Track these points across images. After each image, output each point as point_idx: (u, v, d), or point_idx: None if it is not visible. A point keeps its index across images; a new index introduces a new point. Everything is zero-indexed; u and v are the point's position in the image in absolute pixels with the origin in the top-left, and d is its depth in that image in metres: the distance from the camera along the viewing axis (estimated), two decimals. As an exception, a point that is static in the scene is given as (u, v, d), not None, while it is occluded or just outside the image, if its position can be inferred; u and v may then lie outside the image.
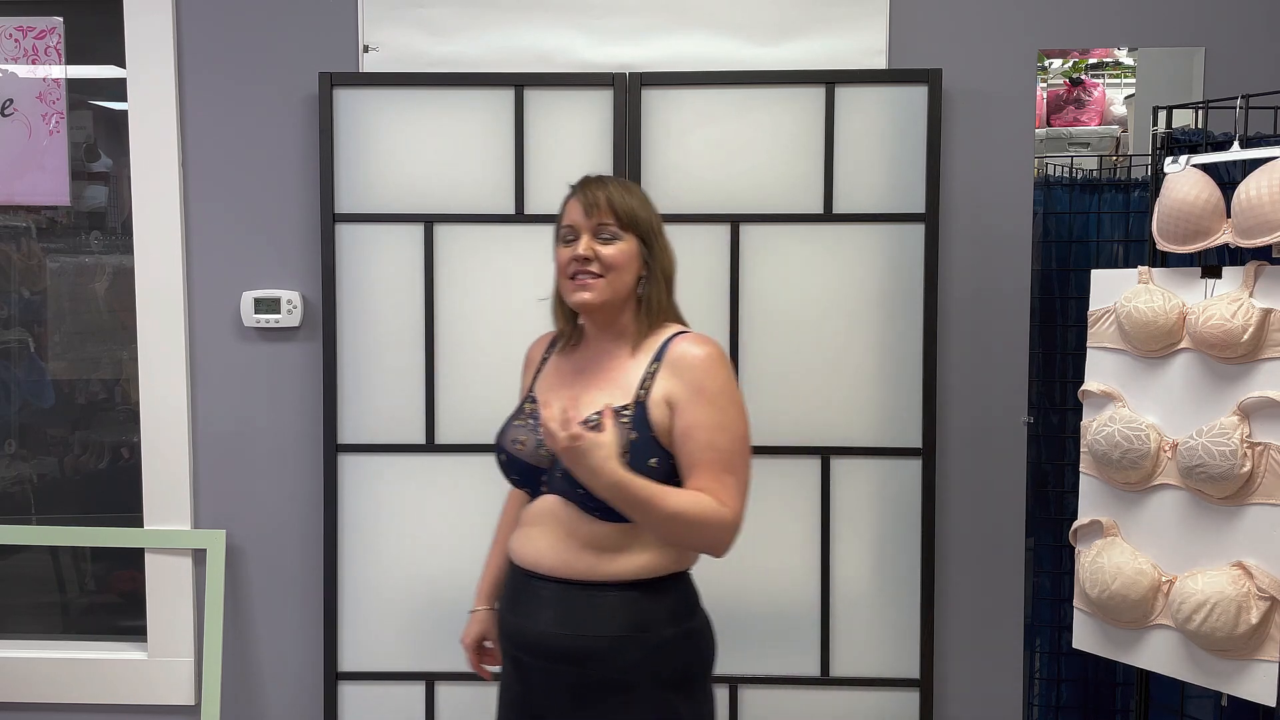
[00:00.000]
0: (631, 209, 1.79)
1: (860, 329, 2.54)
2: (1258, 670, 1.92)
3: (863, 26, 2.54)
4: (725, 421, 1.72)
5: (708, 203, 2.54)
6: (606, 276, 1.77)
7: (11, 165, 2.73)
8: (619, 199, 1.79)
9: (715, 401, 1.72)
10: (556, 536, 1.75)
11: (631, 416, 1.72)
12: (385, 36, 2.59)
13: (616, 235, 1.78)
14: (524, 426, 1.81)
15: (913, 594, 2.55)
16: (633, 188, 1.85)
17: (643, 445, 1.70)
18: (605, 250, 1.77)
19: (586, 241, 1.77)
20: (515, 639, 1.79)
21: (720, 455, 1.71)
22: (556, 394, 1.81)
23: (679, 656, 1.75)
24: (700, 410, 1.71)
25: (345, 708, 2.63)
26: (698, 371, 1.73)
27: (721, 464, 1.71)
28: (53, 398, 2.87)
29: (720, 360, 1.76)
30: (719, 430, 1.71)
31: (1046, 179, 2.68)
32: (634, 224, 1.80)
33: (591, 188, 1.80)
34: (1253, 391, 1.91)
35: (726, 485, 1.71)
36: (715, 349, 1.77)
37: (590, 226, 1.78)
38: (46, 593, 2.93)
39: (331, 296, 2.57)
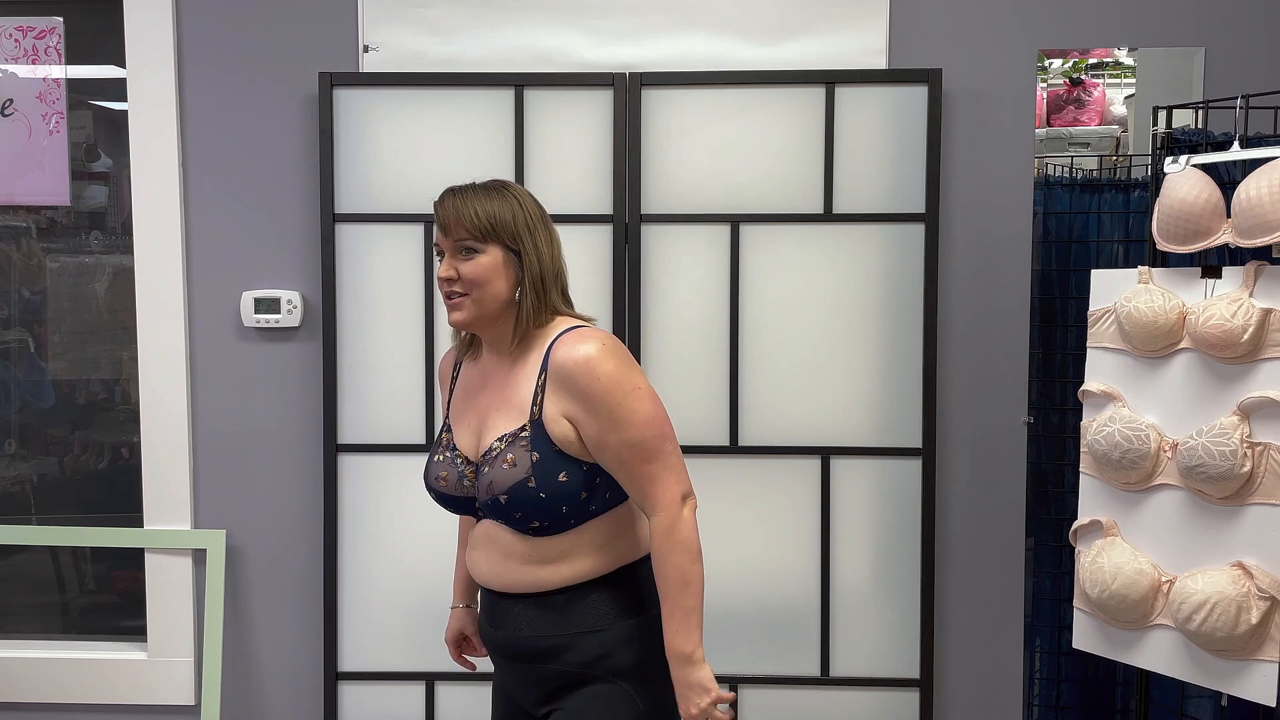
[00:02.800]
0: (491, 218, 1.72)
1: (860, 329, 2.54)
2: (1258, 670, 1.92)
3: (863, 26, 2.54)
4: (624, 416, 1.67)
5: (708, 203, 2.54)
6: (472, 294, 1.72)
7: (11, 165, 2.73)
8: (474, 211, 1.71)
9: (607, 403, 1.67)
10: (497, 557, 1.76)
11: (529, 438, 1.69)
12: (385, 36, 2.59)
13: (475, 249, 1.72)
14: (443, 461, 1.79)
15: (913, 594, 2.55)
16: (498, 191, 1.76)
17: (548, 464, 1.69)
18: (465, 267, 1.72)
19: (447, 261, 1.73)
20: (491, 644, 1.85)
21: (637, 450, 1.68)
22: (466, 417, 1.80)
23: (632, 648, 1.75)
24: (598, 419, 1.67)
25: (345, 708, 2.63)
26: (580, 380, 1.68)
27: (641, 458, 1.68)
28: (53, 398, 2.87)
29: (598, 358, 1.68)
30: (624, 427, 1.67)
31: (1046, 179, 2.68)
32: (494, 233, 1.72)
33: (450, 201, 1.74)
34: (1253, 391, 1.91)
35: (654, 476, 1.69)
36: (592, 348, 1.69)
37: (450, 244, 1.73)
38: (47, 593, 2.93)
39: (331, 296, 2.57)
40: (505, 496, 1.69)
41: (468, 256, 1.72)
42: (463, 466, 1.77)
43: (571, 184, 2.55)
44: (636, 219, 2.54)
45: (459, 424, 1.82)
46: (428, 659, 2.61)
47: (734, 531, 2.56)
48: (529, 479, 1.68)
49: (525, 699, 1.82)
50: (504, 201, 1.75)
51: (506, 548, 1.75)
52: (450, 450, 1.80)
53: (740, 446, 2.56)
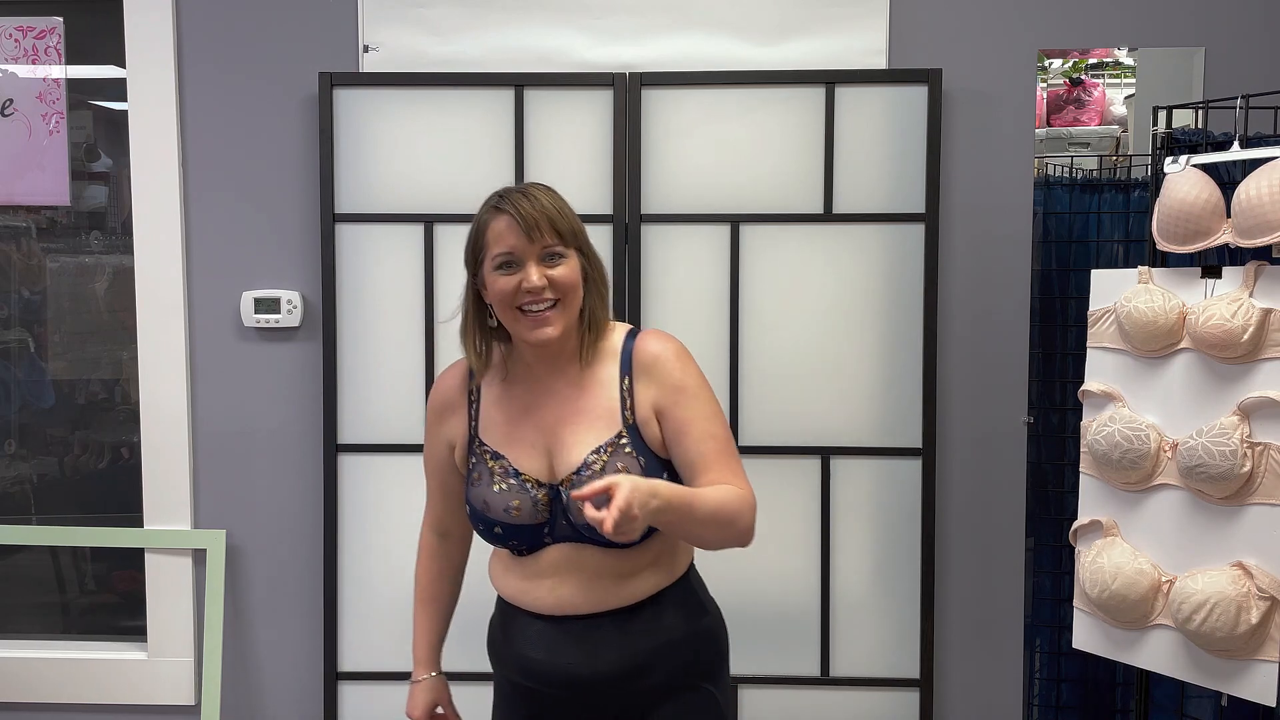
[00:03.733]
0: (570, 221, 1.65)
1: (860, 329, 2.54)
2: (1258, 670, 1.92)
3: (863, 26, 2.54)
4: (711, 410, 1.67)
5: (708, 203, 2.54)
6: (564, 302, 1.62)
7: (11, 165, 2.72)
8: (558, 213, 1.64)
9: (698, 394, 1.66)
10: (581, 580, 1.66)
11: (631, 443, 1.64)
12: (385, 36, 2.59)
13: (562, 254, 1.63)
14: (509, 490, 1.66)
15: (913, 594, 2.55)
16: (558, 194, 1.69)
17: (653, 468, 1.64)
18: (556, 273, 1.62)
19: (537, 270, 1.61)
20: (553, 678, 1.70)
21: (719, 443, 1.65)
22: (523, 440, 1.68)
23: (712, 644, 1.76)
24: (688, 406, 1.64)
25: (345, 707, 2.63)
26: (674, 370, 1.65)
27: (723, 450, 1.65)
28: (53, 398, 2.87)
29: (686, 351, 1.70)
30: (710, 419, 1.66)
31: (1046, 179, 2.68)
32: (575, 237, 1.65)
33: (526, 205, 1.62)
34: (1253, 391, 1.91)
35: (735, 470, 1.66)
36: (677, 341, 1.70)
37: (535, 251, 1.61)
38: (47, 593, 2.93)
39: (331, 296, 2.57)
40: None
41: (556, 262, 1.62)
42: (535, 491, 1.65)
43: (571, 184, 2.54)
44: (636, 219, 2.54)
45: (514, 447, 1.68)
46: (428, 659, 2.61)
47: (734, 531, 2.56)
48: None
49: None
50: (567, 205, 1.69)
51: (596, 568, 1.65)
52: (514, 477, 1.66)
53: (740, 446, 2.54)
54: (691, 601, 1.75)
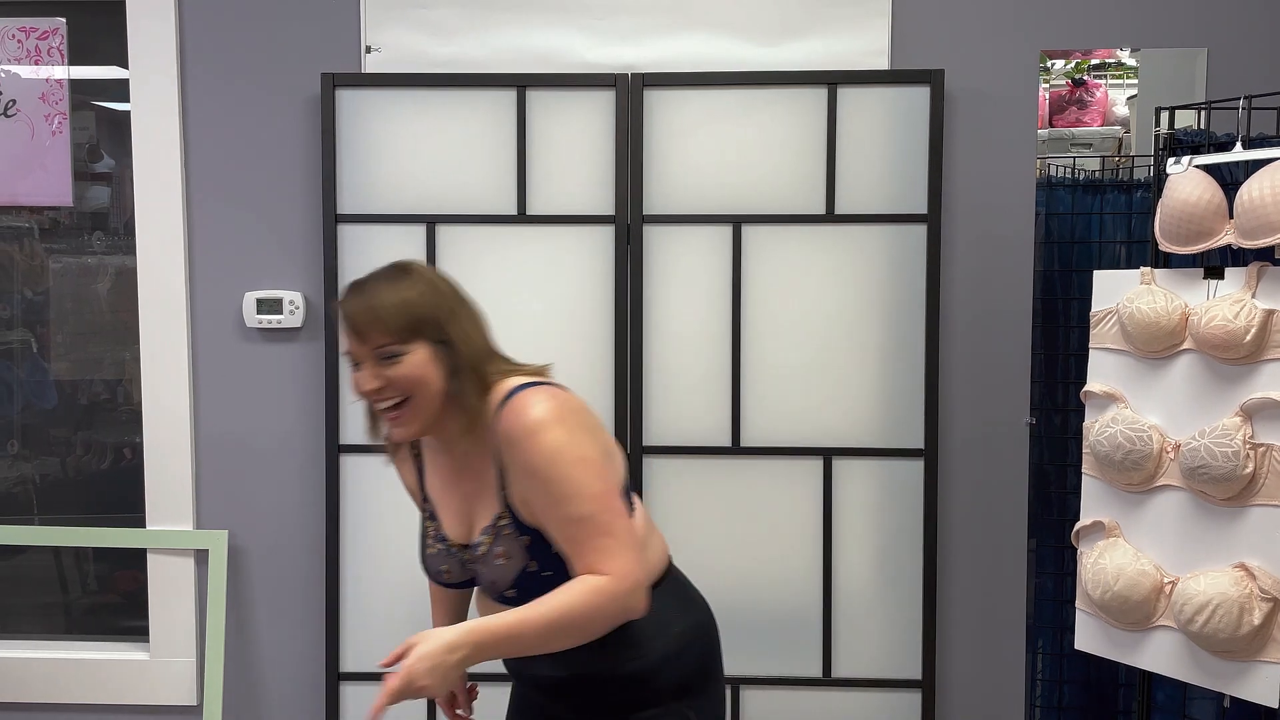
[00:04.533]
0: (407, 313, 1.53)
1: (862, 330, 2.53)
2: (1260, 671, 1.91)
3: (865, 27, 2.54)
4: (568, 489, 1.51)
5: (710, 203, 2.54)
6: (412, 398, 1.55)
7: (14, 166, 2.73)
8: (388, 308, 1.52)
9: (550, 473, 1.51)
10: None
11: (511, 524, 1.58)
12: (387, 37, 2.59)
13: (398, 352, 1.53)
14: (439, 555, 1.68)
15: (915, 595, 2.55)
16: (405, 276, 1.57)
17: (535, 547, 1.57)
18: (393, 374, 1.53)
19: (370, 372, 1.54)
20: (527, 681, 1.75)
21: (581, 525, 1.52)
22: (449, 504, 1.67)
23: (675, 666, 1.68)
24: (540, 491, 1.53)
25: (347, 708, 2.63)
26: (520, 452, 1.52)
27: (587, 532, 1.52)
28: (55, 398, 2.87)
29: (542, 423, 1.52)
30: (567, 501, 1.51)
31: (1049, 180, 2.68)
32: (415, 330, 1.54)
33: (355, 303, 1.54)
34: (1255, 393, 1.91)
35: (602, 550, 1.52)
36: (536, 413, 1.53)
37: (368, 352, 1.54)
38: (49, 593, 2.93)
39: (334, 297, 2.57)
40: (513, 591, 1.58)
41: (392, 362, 1.53)
42: (460, 553, 1.66)
43: (573, 185, 2.55)
44: (639, 219, 2.54)
45: (444, 509, 1.69)
46: (429, 659, 2.61)
47: (736, 532, 2.56)
48: (528, 564, 1.57)
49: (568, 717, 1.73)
50: (415, 288, 1.56)
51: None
52: (441, 540, 1.68)
53: (742, 447, 2.56)
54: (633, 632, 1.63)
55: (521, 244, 2.56)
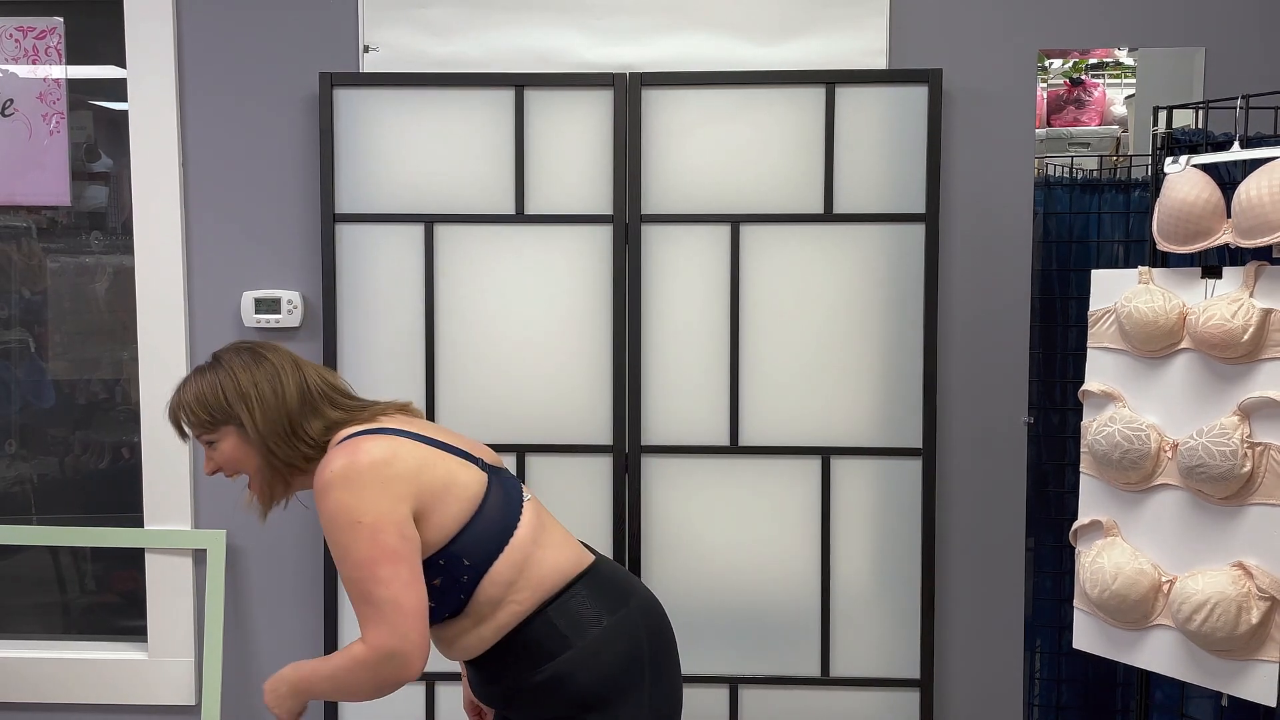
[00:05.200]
0: (201, 406, 1.71)
1: (860, 329, 2.54)
2: (1258, 670, 1.92)
3: (863, 26, 2.54)
4: (339, 552, 1.62)
5: (708, 203, 2.54)
6: (247, 475, 1.76)
7: (12, 165, 2.73)
8: (187, 404, 1.72)
9: (329, 535, 1.63)
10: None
11: None
12: (385, 37, 2.59)
13: (214, 439, 1.73)
14: None
15: (913, 594, 2.55)
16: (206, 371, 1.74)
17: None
18: (218, 458, 1.75)
19: (206, 459, 1.77)
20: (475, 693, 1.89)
21: (350, 587, 1.62)
22: None
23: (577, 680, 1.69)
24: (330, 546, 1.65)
25: (345, 707, 2.63)
26: (319, 509, 1.64)
27: (355, 596, 1.62)
28: (53, 398, 2.87)
29: (330, 483, 1.62)
30: (341, 563, 1.63)
31: (1047, 179, 2.68)
32: (212, 422, 1.72)
33: (171, 404, 1.76)
34: (1253, 392, 1.91)
35: (365, 617, 1.62)
36: (331, 470, 1.63)
37: (198, 441, 1.77)
38: (47, 593, 2.93)
39: (332, 297, 2.57)
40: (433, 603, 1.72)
41: (214, 447, 1.74)
42: None
43: (571, 184, 2.55)
44: (637, 219, 2.54)
45: None
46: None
47: (734, 531, 2.56)
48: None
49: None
50: (213, 377, 1.73)
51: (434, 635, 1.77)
52: None
53: (740, 447, 2.56)
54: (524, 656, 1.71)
55: (520, 244, 2.56)
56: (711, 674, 2.57)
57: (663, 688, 1.77)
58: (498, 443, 2.56)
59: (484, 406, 2.57)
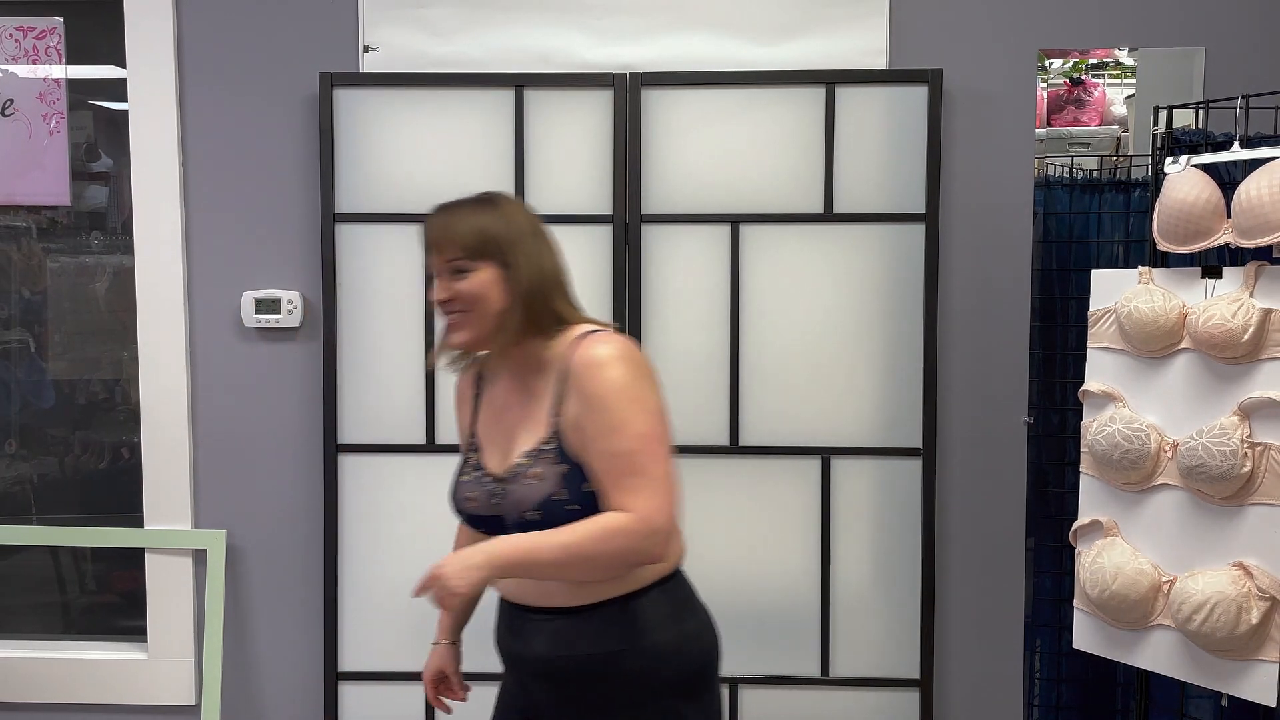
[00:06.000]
0: (479, 233, 1.67)
1: (860, 329, 2.54)
2: (1258, 670, 1.92)
3: (863, 27, 2.54)
4: (616, 422, 1.59)
5: (708, 203, 2.54)
6: (473, 312, 1.67)
7: (12, 165, 2.73)
8: (461, 227, 1.68)
9: (604, 403, 1.60)
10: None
11: (555, 450, 1.65)
12: (385, 37, 2.59)
13: (467, 268, 1.67)
14: (470, 481, 1.74)
15: (913, 594, 2.55)
16: (487, 204, 1.73)
17: (576, 475, 1.63)
18: (461, 286, 1.67)
19: (441, 283, 1.69)
20: (517, 663, 1.77)
21: (619, 459, 1.59)
22: (493, 436, 1.75)
23: (675, 662, 1.70)
24: (592, 420, 1.60)
25: (345, 708, 2.63)
26: (584, 379, 1.62)
27: (622, 469, 1.59)
28: (53, 398, 2.87)
29: (608, 361, 1.62)
30: (612, 433, 1.59)
31: (1047, 179, 2.69)
32: (484, 250, 1.67)
33: (435, 220, 1.71)
34: (1253, 392, 1.91)
35: (633, 489, 1.58)
36: (606, 350, 1.63)
37: (440, 265, 1.69)
38: (47, 593, 2.93)
39: (332, 296, 2.57)
40: (538, 513, 1.62)
41: (460, 276, 1.67)
42: (491, 485, 1.70)
43: (571, 184, 2.55)
44: (637, 219, 2.54)
45: (488, 443, 1.76)
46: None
47: (734, 531, 2.56)
48: (557, 492, 1.62)
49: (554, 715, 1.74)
50: (493, 215, 1.70)
51: None
52: (477, 469, 1.74)
53: (740, 446, 2.56)
54: (649, 618, 1.69)
55: (520, 243, 2.56)
56: (711, 674, 2.57)
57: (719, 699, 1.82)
58: (498, 443, 2.57)
59: (484, 406, 2.57)
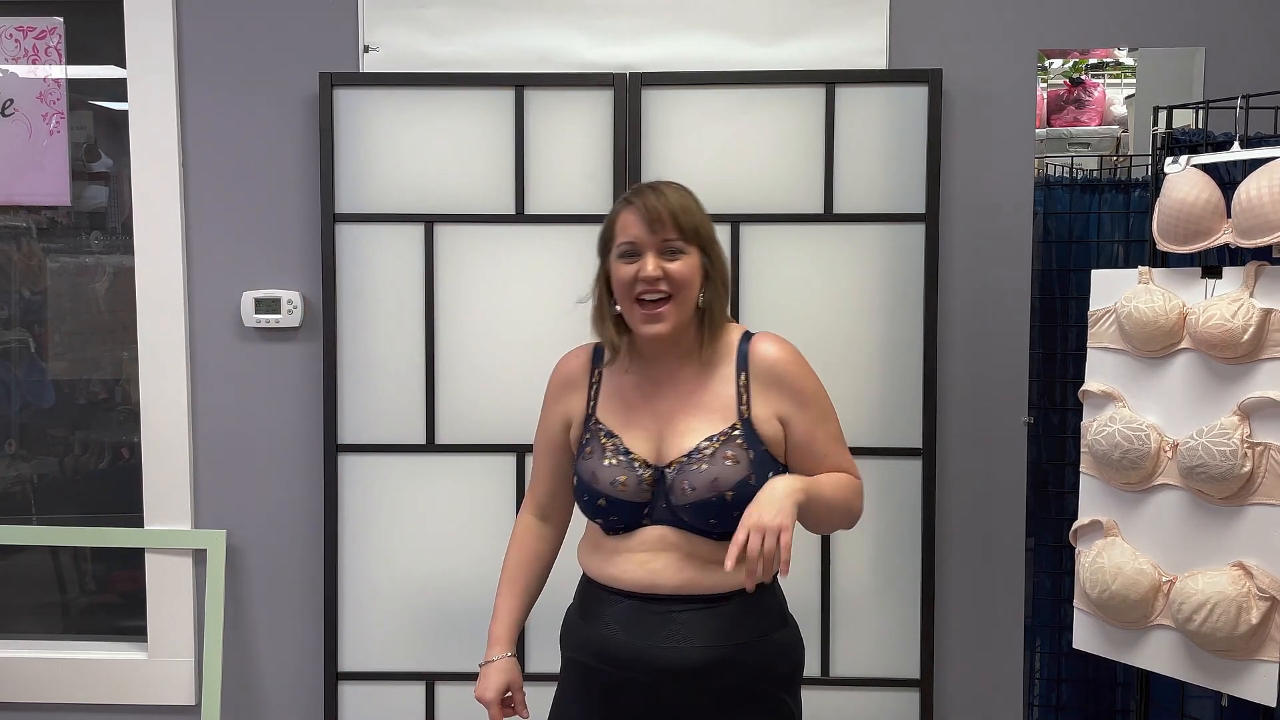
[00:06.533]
0: (694, 219, 1.73)
1: (860, 329, 2.53)
2: (1258, 670, 1.92)
3: (863, 26, 2.54)
4: (828, 410, 1.78)
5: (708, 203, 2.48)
6: (677, 297, 1.70)
7: (12, 165, 2.73)
8: (681, 210, 1.71)
9: (818, 399, 1.76)
10: (674, 559, 1.70)
11: (743, 436, 1.70)
12: (385, 36, 2.59)
13: (681, 250, 1.70)
14: (618, 465, 1.72)
15: (913, 594, 2.55)
16: (689, 193, 1.77)
17: (761, 462, 1.70)
18: (673, 267, 1.69)
19: (654, 261, 1.69)
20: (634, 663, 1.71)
21: (836, 440, 1.78)
22: (637, 423, 1.75)
23: (791, 655, 1.78)
24: (812, 414, 1.74)
25: (345, 708, 2.63)
26: (797, 378, 1.75)
27: (839, 446, 1.78)
28: (53, 398, 2.87)
29: (801, 355, 1.79)
30: (828, 420, 1.77)
31: (1047, 179, 2.68)
32: (696, 235, 1.72)
33: (652, 199, 1.71)
34: (1253, 392, 1.91)
35: (848, 458, 1.79)
36: (793, 345, 1.79)
37: (655, 243, 1.69)
38: (47, 593, 2.93)
39: (332, 296, 2.57)
40: (731, 493, 1.66)
41: (674, 257, 1.70)
42: (642, 470, 1.72)
43: (571, 184, 2.55)
44: (637, 219, 2.54)
45: (628, 429, 1.76)
46: (428, 659, 2.61)
47: (734, 532, 2.56)
48: (750, 476, 1.67)
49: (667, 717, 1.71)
50: (698, 204, 1.77)
51: (690, 550, 1.70)
52: (624, 454, 1.73)
53: (740, 446, 2.55)
54: (775, 609, 1.77)
55: (520, 243, 2.56)
56: (711, 674, 2.57)
57: None
58: (497, 443, 2.57)
59: (484, 406, 2.57)
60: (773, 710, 1.74)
